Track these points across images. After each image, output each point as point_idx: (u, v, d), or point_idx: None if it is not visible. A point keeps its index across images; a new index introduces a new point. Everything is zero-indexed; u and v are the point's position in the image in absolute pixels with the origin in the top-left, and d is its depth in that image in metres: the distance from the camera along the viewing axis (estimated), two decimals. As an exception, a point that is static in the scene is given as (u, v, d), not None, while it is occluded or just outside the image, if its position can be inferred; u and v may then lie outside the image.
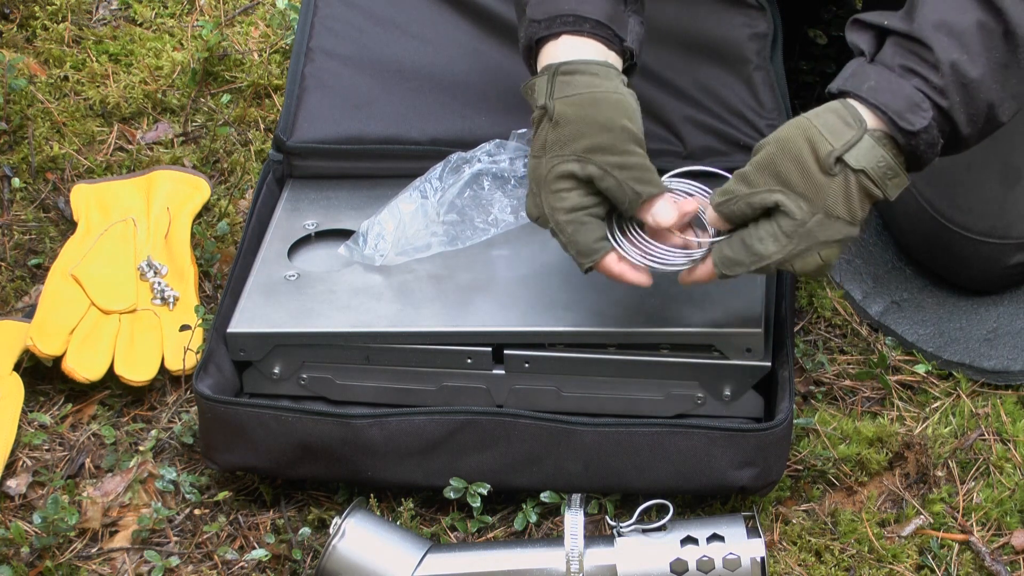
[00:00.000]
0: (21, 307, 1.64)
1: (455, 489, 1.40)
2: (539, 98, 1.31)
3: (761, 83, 1.60)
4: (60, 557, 1.41)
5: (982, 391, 1.54)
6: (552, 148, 1.29)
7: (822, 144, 1.25)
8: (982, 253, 1.53)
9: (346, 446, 1.39)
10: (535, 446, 1.38)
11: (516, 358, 1.42)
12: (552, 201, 1.30)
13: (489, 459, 1.39)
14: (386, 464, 1.40)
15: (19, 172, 1.80)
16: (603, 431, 1.37)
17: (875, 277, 1.61)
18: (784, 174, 1.26)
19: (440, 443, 1.38)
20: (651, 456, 1.37)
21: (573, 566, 1.29)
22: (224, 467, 1.43)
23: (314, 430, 1.38)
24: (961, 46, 1.23)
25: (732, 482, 1.37)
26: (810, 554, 1.40)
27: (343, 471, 1.41)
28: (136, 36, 1.96)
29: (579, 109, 1.29)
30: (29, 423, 1.53)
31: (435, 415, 1.38)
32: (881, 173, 1.25)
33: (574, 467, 1.39)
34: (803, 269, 1.28)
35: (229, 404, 1.39)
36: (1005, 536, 1.42)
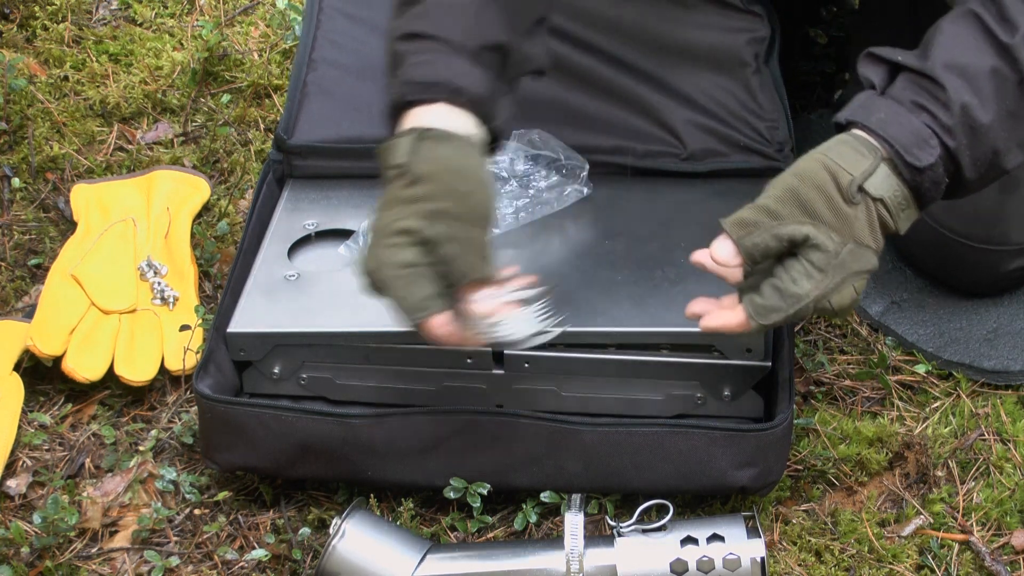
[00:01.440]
0: (21, 307, 1.64)
1: (455, 489, 1.40)
2: (398, 157, 1.25)
3: (759, 86, 1.60)
4: (60, 557, 1.41)
5: (982, 391, 1.54)
6: (400, 204, 1.24)
7: (842, 174, 1.22)
8: (981, 259, 1.53)
9: (346, 446, 1.39)
10: (535, 446, 1.38)
11: (516, 358, 1.41)
12: (386, 255, 1.23)
13: (489, 459, 1.39)
14: (386, 464, 1.40)
15: (19, 172, 1.80)
16: (603, 431, 1.37)
17: (875, 277, 1.61)
18: (810, 204, 1.22)
19: (440, 443, 1.38)
20: (651, 456, 1.37)
21: (573, 566, 1.29)
22: (224, 467, 1.43)
23: (314, 430, 1.38)
24: (973, 90, 1.23)
25: (732, 482, 1.37)
26: (810, 554, 1.40)
27: (343, 471, 1.41)
28: (136, 36, 1.96)
29: (441, 173, 1.24)
30: (29, 423, 1.53)
31: (435, 415, 1.38)
32: (896, 203, 1.24)
33: (574, 467, 1.39)
34: (840, 304, 1.23)
35: (229, 404, 1.39)
36: (1005, 536, 1.42)
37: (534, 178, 1.54)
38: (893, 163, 1.23)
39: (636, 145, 1.60)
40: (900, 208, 1.24)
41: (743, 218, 1.24)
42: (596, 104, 1.61)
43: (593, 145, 1.59)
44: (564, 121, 1.60)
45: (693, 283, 1.42)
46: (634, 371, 1.40)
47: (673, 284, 1.42)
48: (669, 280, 1.43)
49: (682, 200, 1.56)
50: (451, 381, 1.43)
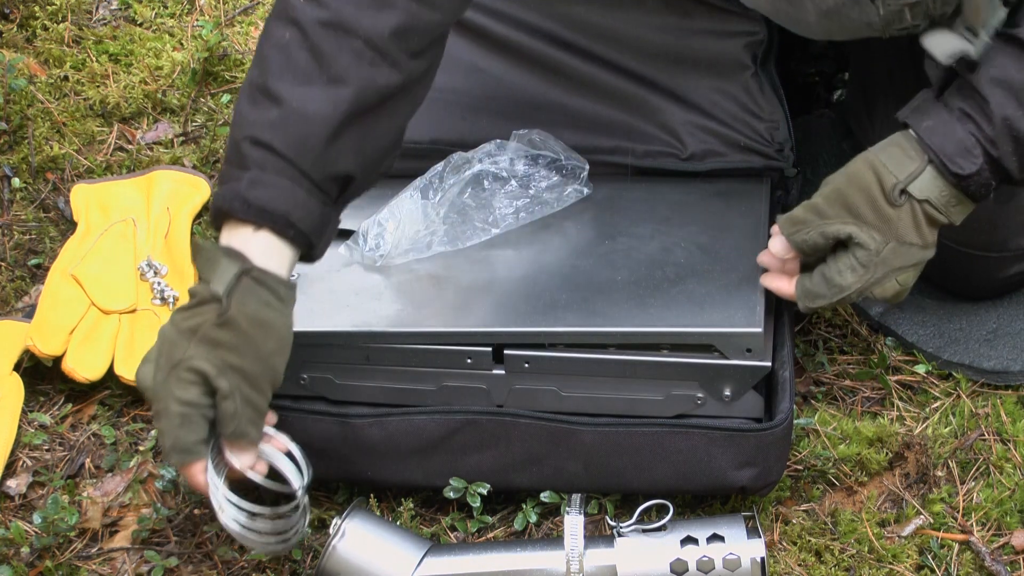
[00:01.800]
0: (21, 307, 1.64)
1: (455, 489, 1.40)
2: (217, 286, 1.24)
3: (759, 87, 1.60)
4: (60, 557, 1.41)
5: (982, 391, 1.54)
6: (204, 343, 1.24)
7: (887, 176, 1.31)
8: (979, 266, 1.54)
9: (346, 445, 1.39)
10: (535, 446, 1.38)
11: (516, 358, 1.42)
12: (175, 387, 1.24)
13: (489, 459, 1.39)
14: (386, 464, 1.40)
15: (19, 172, 1.80)
16: (603, 431, 1.37)
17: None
18: (855, 206, 1.32)
19: (440, 443, 1.39)
20: (651, 456, 1.37)
21: (573, 566, 1.29)
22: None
23: (314, 429, 1.39)
24: (1017, 103, 1.28)
25: (732, 482, 1.38)
26: (810, 554, 1.40)
27: (343, 471, 1.42)
28: (136, 36, 1.96)
29: (250, 328, 1.24)
30: (29, 423, 1.53)
31: (435, 415, 1.38)
32: (944, 201, 1.31)
33: (574, 467, 1.39)
34: (883, 295, 1.34)
35: None
36: (1005, 536, 1.42)
37: (534, 178, 1.54)
38: (942, 170, 1.30)
39: (636, 145, 1.60)
40: (950, 204, 1.32)
41: (794, 216, 1.35)
42: (596, 106, 1.61)
43: (593, 145, 1.59)
44: (564, 123, 1.60)
45: (693, 283, 1.42)
46: (634, 371, 1.40)
47: (673, 284, 1.42)
48: (669, 280, 1.43)
49: (682, 200, 1.56)
50: (451, 381, 1.43)
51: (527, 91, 1.63)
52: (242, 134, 1.27)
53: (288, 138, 1.26)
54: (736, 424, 1.38)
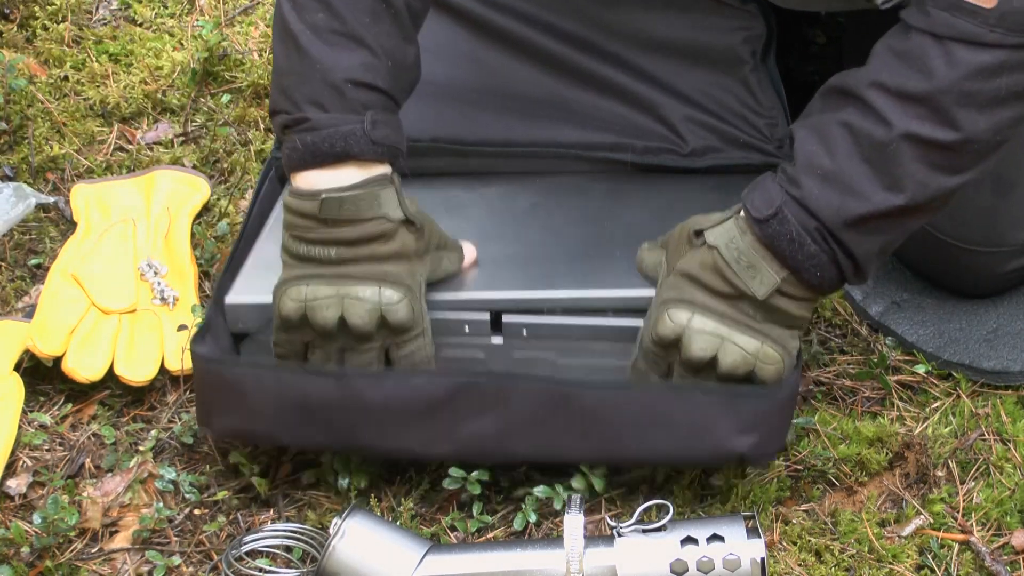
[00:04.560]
0: (21, 307, 1.65)
1: (454, 480, 1.40)
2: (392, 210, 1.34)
3: (758, 83, 1.60)
4: (60, 557, 1.41)
5: (982, 391, 1.54)
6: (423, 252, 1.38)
7: (700, 222, 1.35)
8: (977, 262, 1.53)
9: (344, 407, 1.36)
10: (534, 410, 1.36)
11: (514, 325, 1.41)
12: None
13: (487, 425, 1.37)
14: (383, 428, 1.37)
15: (19, 172, 1.80)
16: (602, 394, 1.35)
17: (875, 277, 1.61)
18: (671, 240, 1.38)
19: (439, 406, 1.36)
20: (650, 421, 1.35)
21: (573, 567, 1.29)
22: (220, 433, 1.42)
23: (312, 389, 1.36)
24: (819, 139, 1.29)
25: (732, 449, 1.35)
26: (810, 554, 1.40)
27: (339, 437, 1.38)
28: (136, 36, 1.96)
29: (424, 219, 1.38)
30: (29, 423, 1.53)
31: (435, 377, 1.36)
32: (733, 256, 1.31)
33: (573, 434, 1.37)
34: (661, 333, 1.34)
35: (227, 364, 1.38)
36: (1005, 536, 1.42)
37: None
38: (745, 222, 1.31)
39: (636, 142, 1.60)
40: (741, 264, 1.31)
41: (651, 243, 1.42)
42: (596, 101, 1.62)
43: (594, 142, 1.59)
44: (564, 118, 1.60)
45: None
46: (634, 336, 1.40)
47: None
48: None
49: (681, 195, 1.56)
50: (448, 351, 1.42)
51: (527, 84, 1.63)
52: (338, 77, 1.32)
53: (385, 77, 1.34)
54: (737, 389, 1.36)
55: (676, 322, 1.32)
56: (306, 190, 1.33)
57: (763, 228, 1.29)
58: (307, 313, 1.34)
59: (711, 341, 1.32)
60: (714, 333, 1.32)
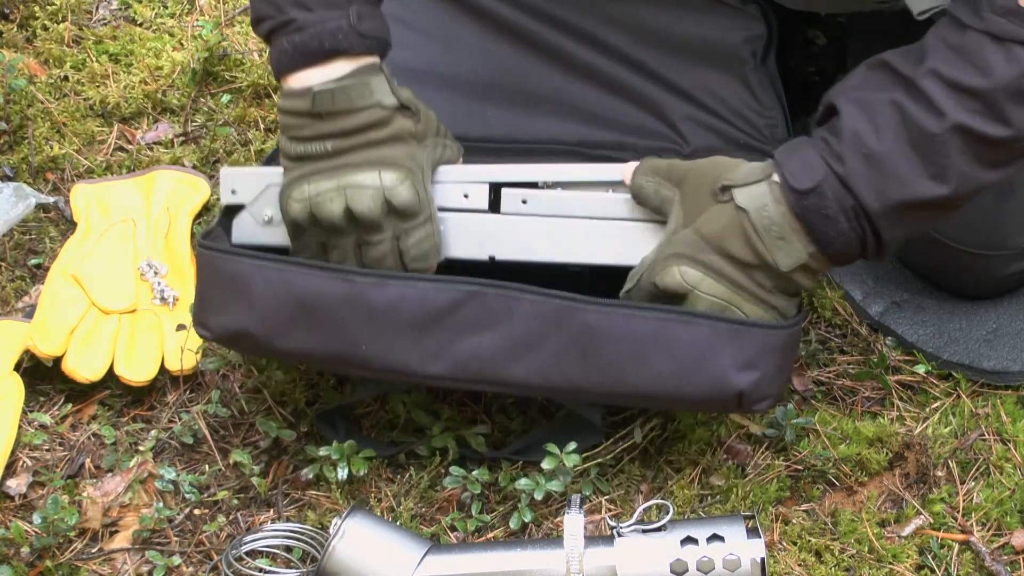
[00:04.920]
0: (21, 307, 1.65)
1: (454, 479, 1.40)
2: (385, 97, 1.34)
3: (758, 83, 1.60)
4: (60, 557, 1.41)
5: (982, 391, 1.54)
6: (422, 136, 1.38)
7: (727, 172, 1.31)
8: (978, 265, 1.53)
9: (345, 307, 1.34)
10: (537, 325, 1.34)
11: (513, 197, 1.40)
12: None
13: (487, 341, 1.35)
14: (382, 336, 1.35)
15: (19, 172, 1.80)
16: (606, 311, 1.33)
17: (875, 277, 1.61)
18: (688, 182, 1.33)
19: (441, 316, 1.34)
20: (652, 345, 1.33)
21: (573, 567, 1.29)
22: (217, 332, 1.39)
23: (315, 286, 1.34)
24: (868, 117, 1.27)
25: (732, 384, 1.33)
26: (810, 554, 1.40)
27: (337, 342, 1.36)
28: (136, 36, 1.96)
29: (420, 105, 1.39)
30: (29, 423, 1.53)
31: (441, 283, 1.35)
32: (763, 224, 1.29)
33: (573, 355, 1.34)
34: (663, 282, 1.32)
35: (231, 254, 1.37)
36: (1005, 536, 1.42)
37: None
38: (780, 188, 1.28)
39: (638, 141, 1.60)
40: (770, 233, 1.29)
41: (656, 163, 1.37)
42: (600, 98, 1.61)
43: (596, 140, 1.59)
44: (568, 115, 1.60)
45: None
46: (630, 210, 1.39)
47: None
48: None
49: None
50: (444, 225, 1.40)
51: (533, 78, 1.63)
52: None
53: None
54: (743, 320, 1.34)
55: (686, 281, 1.31)
56: (298, 88, 1.34)
57: (799, 200, 1.28)
58: (313, 211, 1.34)
59: (716, 305, 1.31)
60: (721, 299, 1.31)
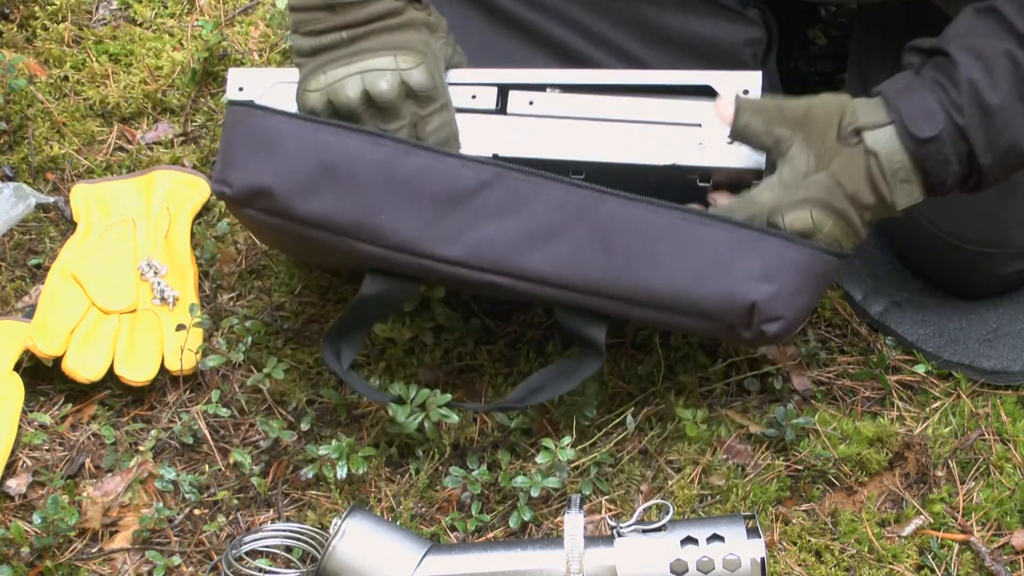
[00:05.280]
0: (21, 307, 1.65)
1: (454, 478, 1.40)
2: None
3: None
4: (60, 557, 1.41)
5: (982, 391, 1.54)
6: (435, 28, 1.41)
7: (850, 114, 1.31)
8: (979, 263, 1.53)
9: (372, 170, 1.34)
10: (560, 214, 1.33)
11: (520, 98, 1.40)
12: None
13: (508, 226, 1.34)
14: (401, 208, 1.34)
15: (19, 172, 1.80)
16: (629, 203, 1.33)
17: (875, 277, 1.61)
18: (809, 123, 1.32)
19: (466, 194, 1.34)
20: (671, 244, 1.33)
21: (573, 567, 1.29)
22: (238, 186, 1.37)
23: (345, 146, 1.34)
24: (985, 69, 1.28)
25: (745, 294, 1.32)
26: (810, 554, 1.40)
27: (358, 209, 1.34)
28: (136, 36, 1.96)
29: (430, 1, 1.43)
30: (29, 423, 1.53)
31: (470, 161, 1.34)
32: (893, 168, 1.30)
33: (590, 248, 1.33)
34: (792, 224, 1.31)
35: (266, 112, 1.37)
36: (1005, 536, 1.42)
37: None
38: (900, 131, 1.29)
39: None
40: (897, 177, 1.30)
41: (760, 102, 1.35)
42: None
43: None
44: None
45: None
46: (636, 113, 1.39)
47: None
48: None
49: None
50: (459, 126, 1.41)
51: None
52: None
53: None
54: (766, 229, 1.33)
55: (816, 224, 1.32)
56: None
57: (920, 147, 1.29)
58: (331, 98, 1.34)
59: (827, 242, 1.33)
60: (833, 236, 1.33)
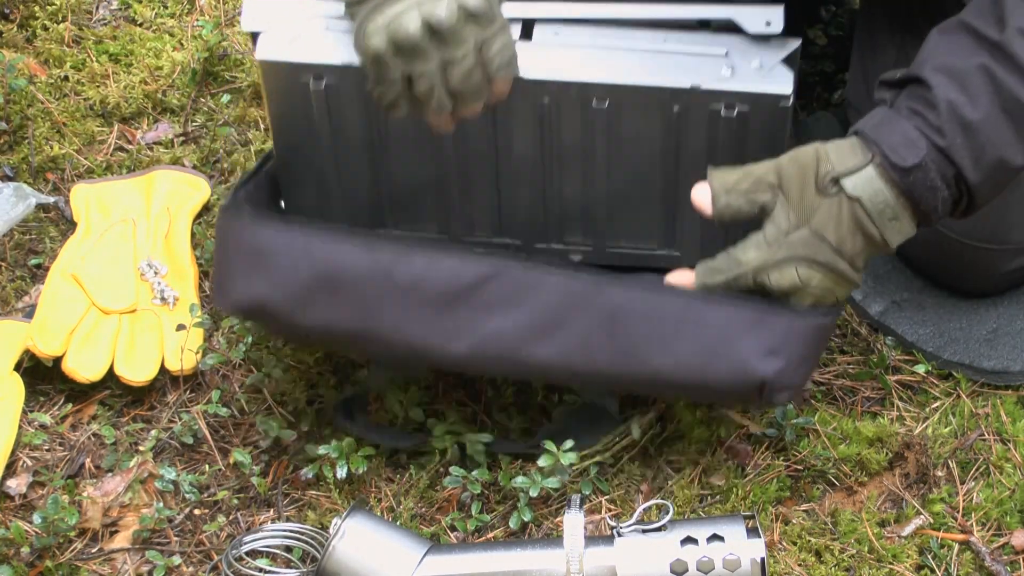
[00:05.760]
0: (21, 307, 1.65)
1: (454, 478, 1.40)
2: None
3: None
4: (60, 557, 1.41)
5: (982, 391, 1.54)
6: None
7: (824, 163, 1.29)
8: (981, 259, 1.53)
9: (369, 279, 1.34)
10: (563, 304, 1.34)
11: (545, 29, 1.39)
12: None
13: (512, 319, 1.34)
14: (405, 311, 1.35)
15: (19, 172, 1.80)
16: (632, 289, 1.33)
17: (875, 277, 1.61)
18: (786, 180, 1.30)
19: (467, 292, 1.34)
20: (676, 327, 1.33)
21: (573, 567, 1.29)
22: (236, 302, 1.38)
23: (339, 257, 1.34)
24: (960, 87, 1.27)
25: (754, 371, 1.32)
26: (810, 554, 1.40)
27: (360, 317, 1.35)
28: (136, 36, 1.96)
29: None
30: (29, 423, 1.53)
31: (467, 257, 1.34)
32: (878, 209, 1.29)
33: (598, 336, 1.34)
34: (779, 284, 1.30)
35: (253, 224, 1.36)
36: (1005, 536, 1.42)
37: None
38: (883, 168, 1.28)
39: None
40: (884, 216, 1.29)
41: (729, 177, 1.32)
42: None
43: None
44: None
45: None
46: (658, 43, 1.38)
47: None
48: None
49: None
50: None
51: None
52: None
53: None
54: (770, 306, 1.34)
55: (803, 281, 1.31)
56: None
57: (904, 177, 1.28)
58: (391, 36, 1.31)
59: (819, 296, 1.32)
60: (824, 288, 1.31)
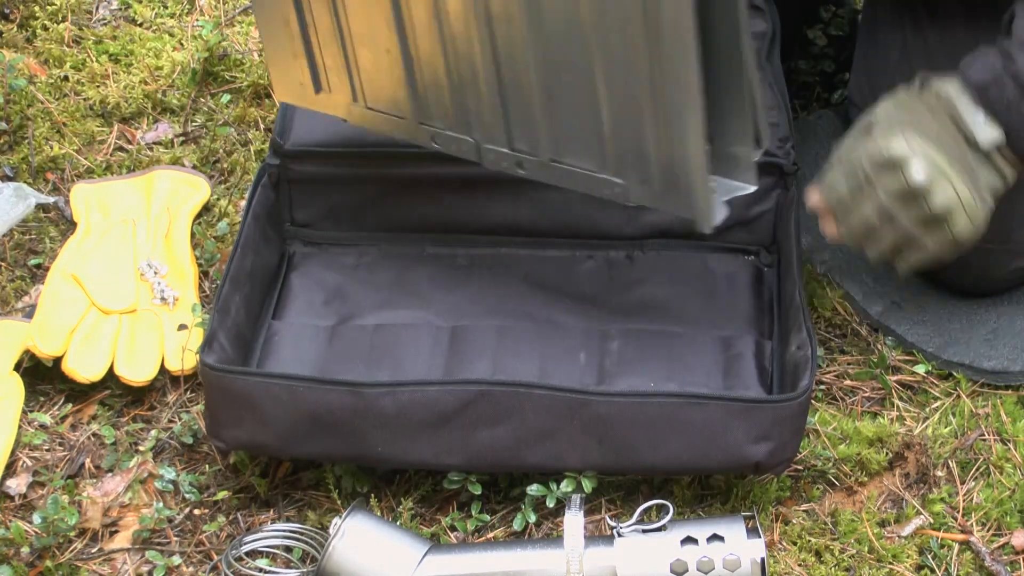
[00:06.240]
0: (21, 307, 1.65)
1: (454, 480, 1.40)
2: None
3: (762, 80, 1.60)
4: (60, 557, 1.41)
5: (982, 391, 1.54)
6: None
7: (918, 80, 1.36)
8: (982, 259, 1.53)
9: (357, 418, 1.36)
10: (548, 419, 1.36)
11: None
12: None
13: (502, 434, 1.36)
14: (397, 439, 1.37)
15: (19, 172, 1.80)
16: (617, 401, 1.35)
17: (875, 277, 1.61)
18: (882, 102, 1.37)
19: (453, 416, 1.36)
20: (666, 429, 1.35)
21: (573, 567, 1.29)
22: (231, 444, 1.40)
23: (325, 401, 1.36)
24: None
25: (747, 457, 1.36)
26: (810, 554, 1.40)
27: (353, 447, 1.38)
28: (136, 36, 1.97)
29: None
30: (29, 423, 1.53)
31: (449, 386, 1.36)
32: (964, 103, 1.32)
33: (588, 441, 1.36)
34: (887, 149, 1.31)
35: (238, 374, 1.37)
36: (1005, 536, 1.42)
37: None
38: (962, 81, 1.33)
39: None
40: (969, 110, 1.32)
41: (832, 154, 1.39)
42: None
43: None
44: None
45: None
46: None
47: None
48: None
49: None
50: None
51: None
52: None
53: None
54: (753, 398, 1.37)
55: (910, 146, 1.31)
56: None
57: (982, 94, 1.32)
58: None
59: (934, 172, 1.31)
60: (938, 166, 1.31)
